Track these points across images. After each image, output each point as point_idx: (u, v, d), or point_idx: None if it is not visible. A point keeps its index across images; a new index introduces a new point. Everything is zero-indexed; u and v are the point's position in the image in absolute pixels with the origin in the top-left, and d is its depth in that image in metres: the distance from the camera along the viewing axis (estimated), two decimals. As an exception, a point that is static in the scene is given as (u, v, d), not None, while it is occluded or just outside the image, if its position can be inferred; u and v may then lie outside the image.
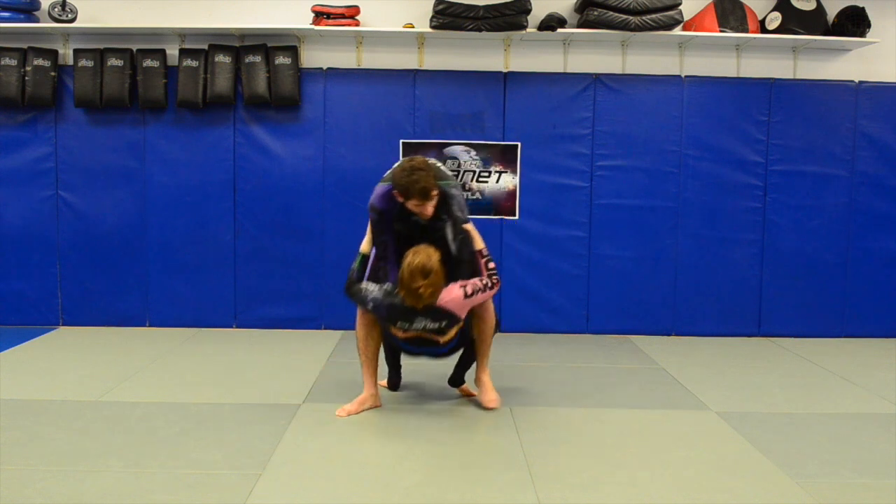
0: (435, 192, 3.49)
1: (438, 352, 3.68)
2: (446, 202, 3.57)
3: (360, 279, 3.64)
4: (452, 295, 3.46)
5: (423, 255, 3.37)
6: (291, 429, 3.46)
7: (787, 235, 5.48)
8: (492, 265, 3.62)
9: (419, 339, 3.56)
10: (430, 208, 3.51)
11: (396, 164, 3.63)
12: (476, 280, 3.54)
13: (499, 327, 3.86)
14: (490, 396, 3.75)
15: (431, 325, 3.49)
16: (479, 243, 3.66)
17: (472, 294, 3.47)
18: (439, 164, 3.73)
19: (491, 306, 3.73)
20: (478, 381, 3.82)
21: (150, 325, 5.48)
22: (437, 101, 5.39)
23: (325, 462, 3.10)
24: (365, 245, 3.72)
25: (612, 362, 4.77)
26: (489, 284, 3.54)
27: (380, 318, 3.57)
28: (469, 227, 3.64)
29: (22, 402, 3.75)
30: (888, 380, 4.47)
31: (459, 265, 3.57)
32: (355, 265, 3.68)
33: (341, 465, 3.08)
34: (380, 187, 3.63)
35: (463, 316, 3.52)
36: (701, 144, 5.41)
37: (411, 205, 3.50)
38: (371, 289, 3.54)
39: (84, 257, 5.43)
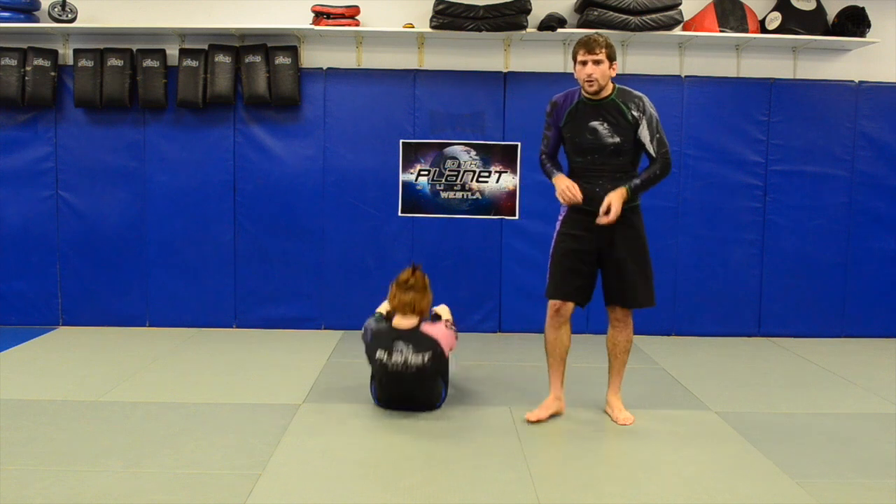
0: (601, 52, 3.31)
1: (418, 400, 3.67)
2: (642, 107, 3.43)
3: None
4: (436, 325, 3.66)
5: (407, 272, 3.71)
6: (291, 429, 3.46)
7: (787, 235, 5.48)
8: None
9: (402, 381, 3.58)
10: (593, 70, 3.32)
11: None
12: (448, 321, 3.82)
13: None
14: (623, 415, 3.63)
15: (413, 359, 3.50)
16: (446, 313, 3.88)
17: (450, 327, 3.72)
18: None
19: (631, 317, 3.65)
20: (608, 402, 3.75)
21: (150, 325, 5.48)
22: (437, 101, 5.39)
23: (325, 462, 3.10)
24: (382, 307, 3.85)
25: (612, 362, 4.77)
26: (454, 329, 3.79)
27: (369, 350, 3.68)
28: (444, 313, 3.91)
29: (22, 402, 3.75)
30: (888, 380, 4.47)
31: (652, 163, 3.47)
32: (371, 320, 3.79)
33: (341, 465, 3.08)
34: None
35: (445, 347, 3.61)
36: (701, 144, 5.41)
37: (578, 66, 3.37)
38: (370, 321, 3.76)
39: (84, 257, 5.43)
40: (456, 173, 5.41)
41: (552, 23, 5.11)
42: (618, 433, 3.51)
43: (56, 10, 5.16)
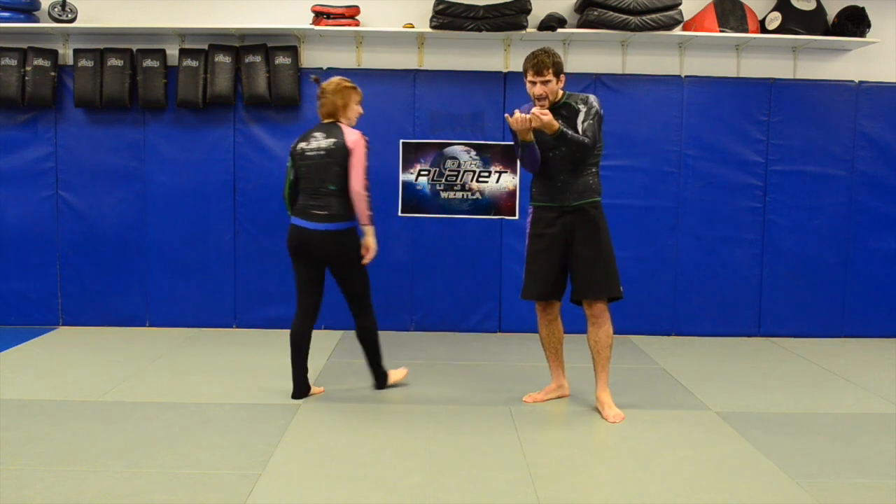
0: (548, 73, 3.54)
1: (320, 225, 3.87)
2: (587, 101, 3.65)
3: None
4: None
5: None
6: (291, 429, 3.46)
7: (787, 235, 5.48)
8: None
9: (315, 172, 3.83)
10: (541, 89, 3.56)
11: None
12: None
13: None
14: (613, 412, 3.67)
15: (324, 143, 3.84)
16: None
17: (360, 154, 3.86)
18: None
19: (607, 313, 3.70)
20: (597, 399, 3.77)
21: (150, 325, 5.48)
22: (437, 101, 5.39)
23: (325, 462, 3.10)
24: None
25: (613, 362, 4.75)
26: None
27: (291, 155, 3.94)
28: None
29: (22, 402, 3.75)
30: (888, 380, 4.47)
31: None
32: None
33: (341, 465, 3.08)
34: None
35: (351, 145, 3.81)
36: (701, 144, 5.41)
37: (528, 84, 3.59)
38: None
39: (84, 257, 5.43)
40: (456, 173, 5.41)
41: (552, 23, 5.11)
42: (618, 433, 3.51)
43: (56, 10, 5.16)
